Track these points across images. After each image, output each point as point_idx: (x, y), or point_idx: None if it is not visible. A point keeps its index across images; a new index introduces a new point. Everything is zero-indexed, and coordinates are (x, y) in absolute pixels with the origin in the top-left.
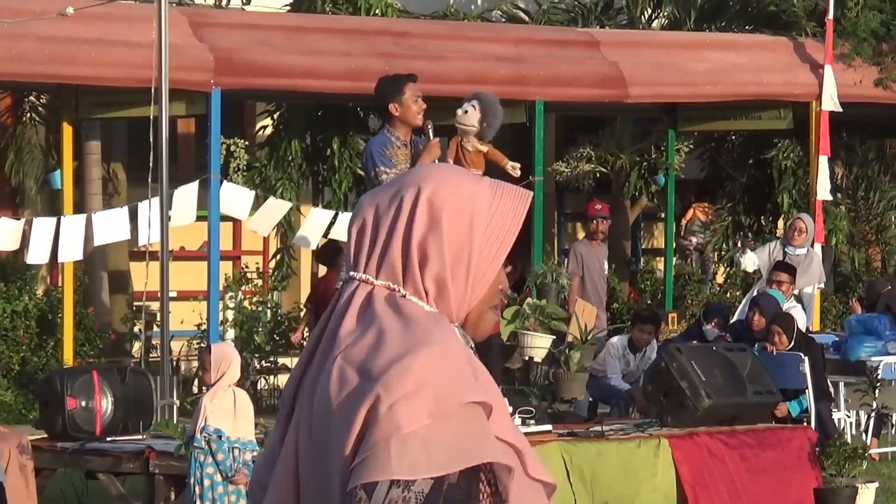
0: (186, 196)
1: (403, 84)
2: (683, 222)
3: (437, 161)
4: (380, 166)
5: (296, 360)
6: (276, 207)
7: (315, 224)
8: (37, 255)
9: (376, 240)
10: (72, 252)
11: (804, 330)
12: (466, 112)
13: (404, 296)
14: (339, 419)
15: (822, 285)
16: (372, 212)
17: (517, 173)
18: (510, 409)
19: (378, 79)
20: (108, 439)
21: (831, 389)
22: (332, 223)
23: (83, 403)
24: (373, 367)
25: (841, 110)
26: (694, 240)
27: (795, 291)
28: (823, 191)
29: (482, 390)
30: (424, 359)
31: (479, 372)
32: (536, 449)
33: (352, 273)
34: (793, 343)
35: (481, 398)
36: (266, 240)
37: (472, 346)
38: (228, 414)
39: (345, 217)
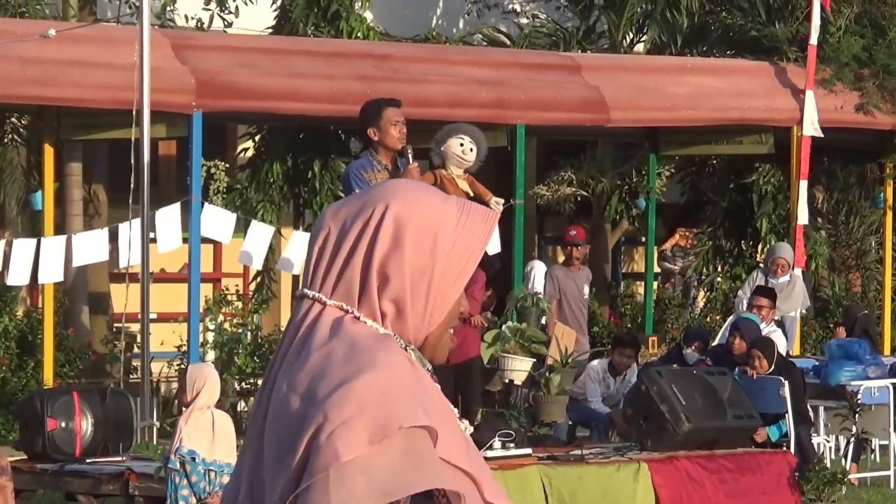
0: (169, 219)
1: (382, 108)
2: (667, 246)
3: (469, 191)
4: (356, 189)
5: None
6: (261, 234)
7: (297, 248)
8: (17, 276)
9: (336, 256)
10: (52, 273)
11: (784, 354)
12: (472, 150)
13: (357, 317)
14: (282, 447)
15: (805, 311)
16: (334, 226)
17: (499, 209)
18: (466, 430)
19: (362, 103)
20: (88, 461)
21: (811, 414)
22: None
23: (63, 424)
24: (315, 393)
25: (822, 135)
26: (679, 263)
27: (778, 316)
28: (806, 216)
29: (426, 414)
30: (366, 383)
31: (428, 396)
32: (516, 472)
33: (305, 290)
34: (773, 367)
35: (424, 422)
36: None
37: (430, 368)
38: (205, 435)
39: None
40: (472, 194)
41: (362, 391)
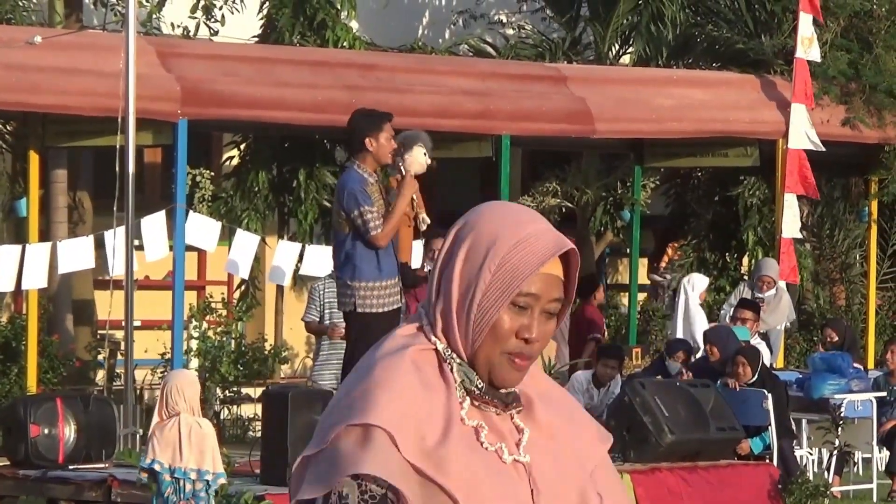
0: (155, 228)
1: (383, 121)
2: (663, 264)
3: (414, 196)
4: (363, 206)
5: (259, 390)
6: (246, 243)
7: (285, 258)
8: (2, 282)
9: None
10: (36, 280)
11: (768, 366)
12: (425, 154)
13: (420, 327)
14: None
15: (790, 324)
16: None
17: (424, 227)
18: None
19: (354, 111)
20: (71, 467)
21: (794, 427)
22: (301, 255)
23: (46, 431)
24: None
25: (823, 149)
26: (669, 276)
27: (764, 329)
28: (790, 229)
29: (375, 413)
30: (343, 386)
31: (411, 402)
32: None
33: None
34: (756, 376)
35: (365, 421)
36: None
37: (479, 385)
38: (170, 443)
39: (312, 249)
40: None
41: (338, 394)
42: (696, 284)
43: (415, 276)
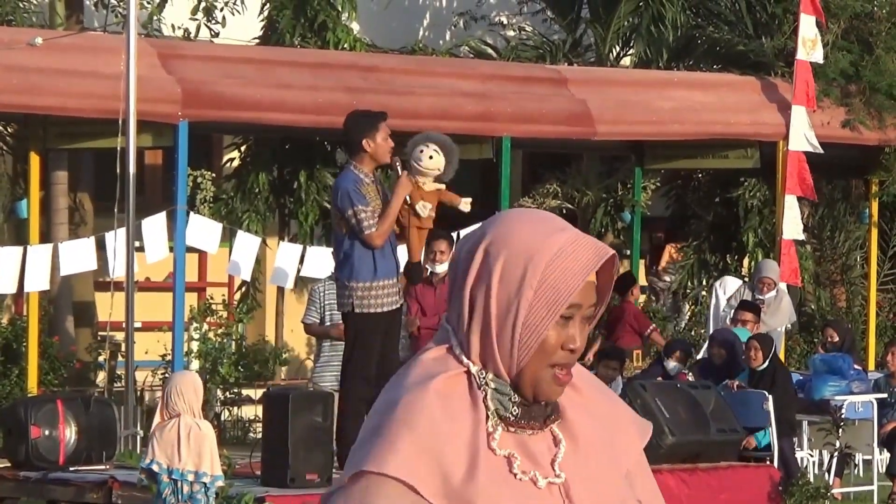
0: (156, 229)
1: (378, 121)
2: (663, 265)
3: (408, 196)
4: (357, 205)
5: (260, 391)
6: (248, 245)
7: (287, 260)
8: (3, 284)
9: (451, 285)
10: (38, 282)
11: None
12: (432, 158)
13: (450, 347)
14: None
15: (790, 325)
16: (456, 254)
17: (468, 208)
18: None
19: (349, 113)
20: (72, 469)
21: (796, 418)
22: (302, 257)
23: (47, 432)
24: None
25: (821, 151)
26: (668, 279)
27: (764, 331)
28: (792, 230)
29: (394, 461)
30: (370, 418)
31: (434, 440)
32: None
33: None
34: (766, 363)
35: (382, 470)
36: None
37: (515, 400)
38: (169, 444)
39: (313, 251)
40: (435, 202)
41: (360, 436)
42: (728, 287)
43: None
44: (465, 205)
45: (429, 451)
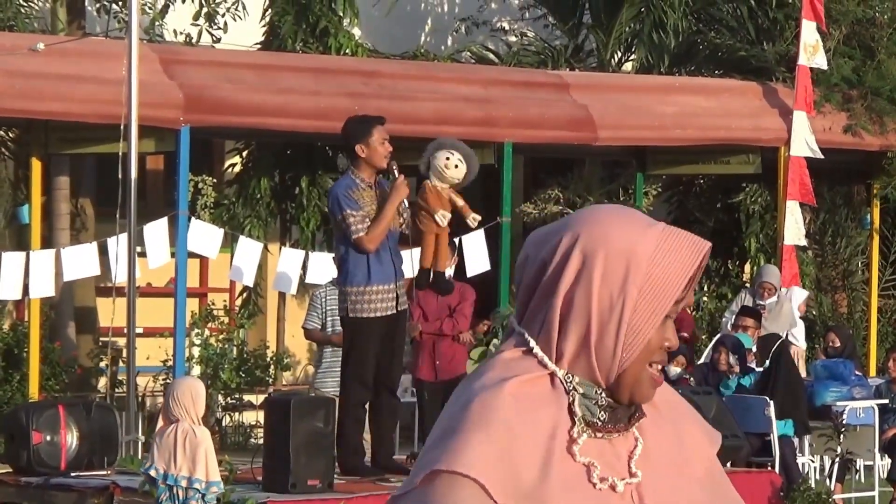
0: (157, 234)
1: (372, 126)
2: None
3: (406, 200)
4: (346, 210)
5: (262, 397)
6: (249, 250)
7: (289, 266)
8: (8, 290)
9: (529, 287)
10: (43, 288)
11: None
12: (457, 167)
13: (530, 349)
14: None
15: (793, 330)
16: (532, 253)
17: (475, 224)
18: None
19: (346, 119)
20: (73, 474)
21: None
22: (304, 262)
23: (48, 438)
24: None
25: (822, 157)
26: None
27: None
28: (793, 236)
29: (466, 459)
30: (441, 417)
31: (509, 447)
32: None
33: (511, 318)
34: (769, 360)
35: (453, 468)
36: None
37: (601, 417)
38: (166, 450)
39: (315, 256)
40: (451, 208)
41: (432, 435)
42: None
43: (448, 283)
44: (472, 220)
45: (502, 453)
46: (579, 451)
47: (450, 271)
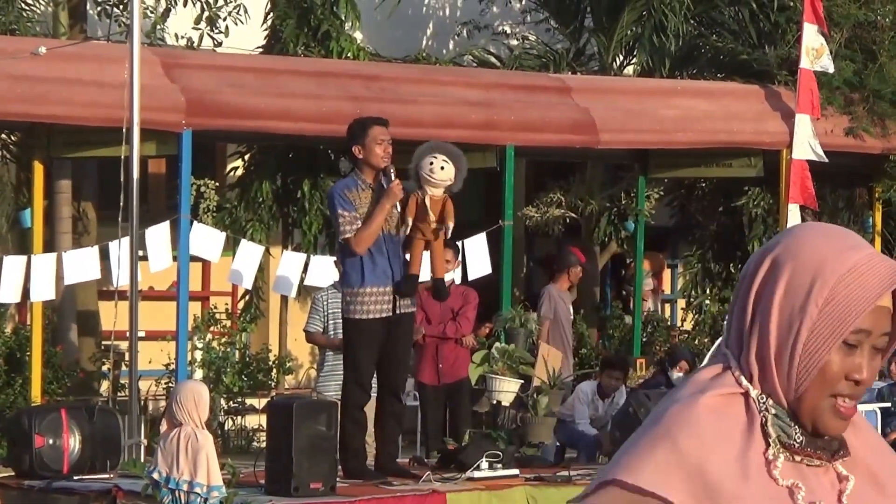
0: (159, 238)
1: (368, 127)
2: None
3: (398, 204)
4: (338, 209)
5: (264, 401)
6: (251, 254)
7: (290, 269)
8: (8, 293)
9: (732, 303)
10: (44, 291)
11: None
12: (443, 168)
13: (728, 367)
14: None
15: None
16: (743, 270)
17: (447, 235)
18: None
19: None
20: (76, 478)
21: None
22: (305, 266)
23: (51, 441)
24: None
25: (826, 160)
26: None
27: None
28: None
29: (653, 474)
30: (640, 428)
31: (697, 470)
32: (503, 493)
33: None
34: None
35: (638, 483)
36: None
37: (798, 439)
38: (169, 453)
39: (316, 260)
40: (433, 215)
41: (631, 437)
42: None
43: (444, 289)
44: (447, 230)
45: (691, 464)
46: (780, 474)
47: (452, 276)
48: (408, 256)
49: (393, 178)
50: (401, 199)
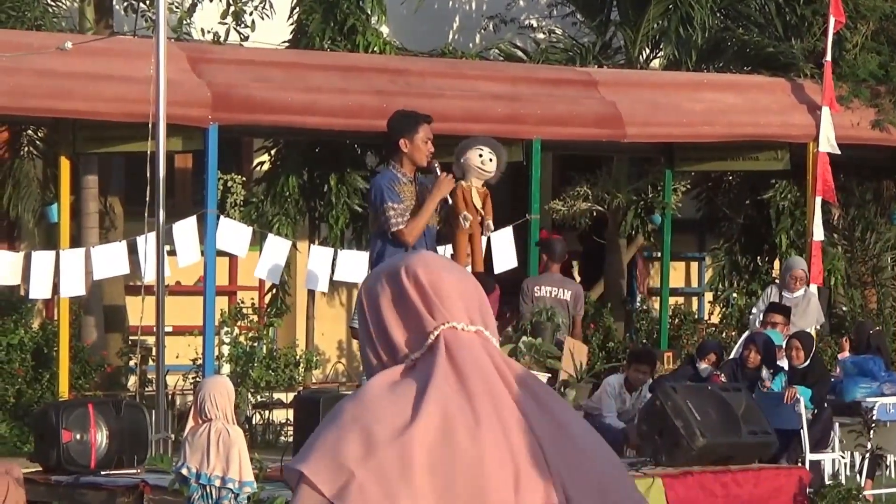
0: (187, 233)
1: (419, 123)
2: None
3: (449, 197)
4: (388, 202)
5: (291, 395)
6: (278, 248)
7: (319, 263)
8: (38, 289)
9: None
10: (74, 287)
11: None
12: (491, 160)
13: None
14: None
15: (819, 326)
16: None
17: (466, 225)
18: None
19: (394, 112)
20: (103, 473)
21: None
22: (333, 260)
23: (78, 436)
24: None
25: (839, 153)
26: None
27: (792, 332)
28: (821, 233)
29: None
30: None
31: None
32: None
33: None
34: (808, 361)
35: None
36: None
37: None
38: (198, 449)
39: (344, 254)
40: (480, 209)
41: None
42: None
43: (488, 283)
44: (487, 228)
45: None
46: None
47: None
48: (441, 249)
49: (439, 171)
50: (452, 188)
